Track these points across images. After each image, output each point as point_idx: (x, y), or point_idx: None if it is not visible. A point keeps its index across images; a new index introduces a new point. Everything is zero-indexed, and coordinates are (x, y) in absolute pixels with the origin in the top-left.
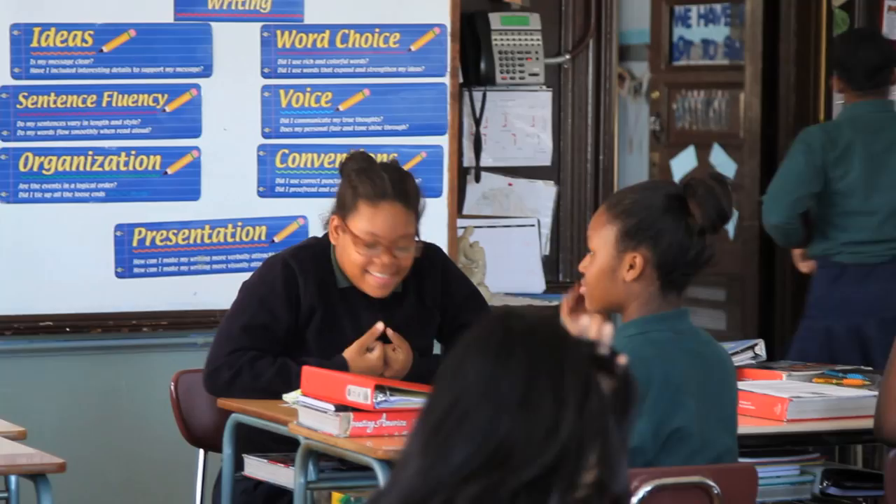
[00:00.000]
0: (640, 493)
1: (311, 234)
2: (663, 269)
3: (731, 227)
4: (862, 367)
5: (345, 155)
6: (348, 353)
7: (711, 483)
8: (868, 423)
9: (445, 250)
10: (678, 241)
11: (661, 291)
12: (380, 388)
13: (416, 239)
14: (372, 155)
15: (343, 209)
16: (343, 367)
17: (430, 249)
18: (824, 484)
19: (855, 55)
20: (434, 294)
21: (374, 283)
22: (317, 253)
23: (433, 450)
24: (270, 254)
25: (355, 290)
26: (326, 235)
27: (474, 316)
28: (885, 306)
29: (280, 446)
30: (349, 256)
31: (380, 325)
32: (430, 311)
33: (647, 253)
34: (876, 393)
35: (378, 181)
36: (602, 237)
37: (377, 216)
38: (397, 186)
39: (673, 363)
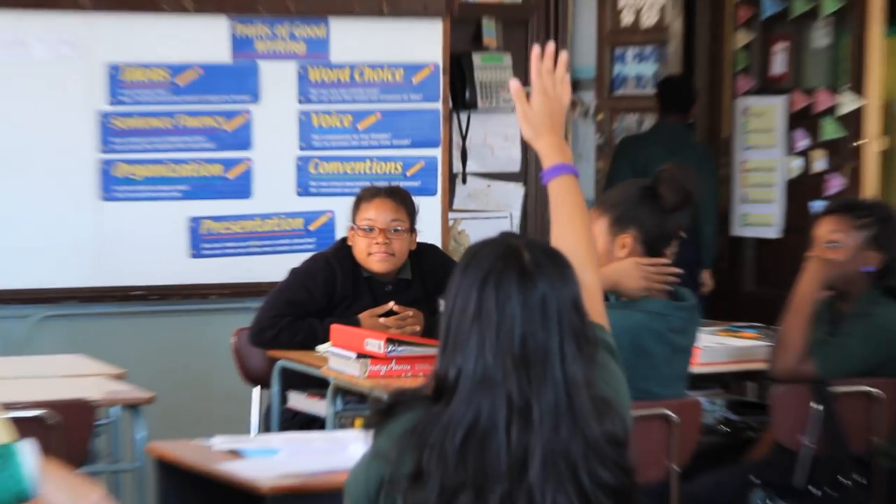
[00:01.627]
0: None
1: (337, 225)
2: (648, 245)
3: None
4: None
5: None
6: (362, 315)
7: (671, 413)
8: (760, 366)
9: (439, 237)
10: (657, 221)
11: None
12: (390, 341)
13: (412, 231)
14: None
15: (352, 217)
16: (356, 324)
17: (430, 249)
18: (727, 411)
19: (663, 88)
20: (436, 282)
21: (376, 259)
22: (349, 253)
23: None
24: (306, 239)
25: (376, 279)
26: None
27: None
28: None
29: (310, 388)
30: (358, 246)
31: (391, 304)
32: (432, 296)
33: (635, 233)
34: (766, 343)
35: (373, 188)
36: (597, 229)
37: (371, 207)
38: (387, 189)
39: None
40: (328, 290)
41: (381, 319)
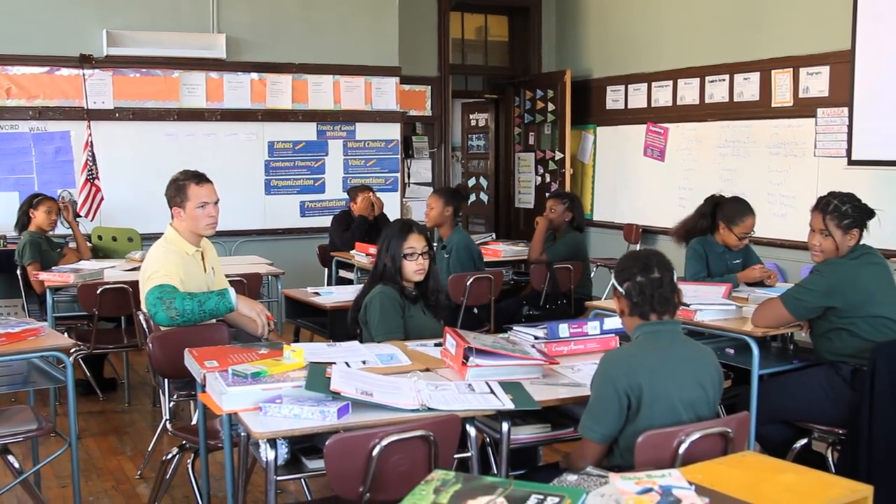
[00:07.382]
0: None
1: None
2: (455, 212)
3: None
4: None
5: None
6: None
7: (490, 276)
8: (524, 257)
9: (399, 210)
10: (460, 202)
11: (453, 218)
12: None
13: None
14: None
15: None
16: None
17: (384, 216)
18: (513, 275)
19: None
20: (383, 225)
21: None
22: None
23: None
24: (344, 208)
25: (367, 219)
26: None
27: None
28: None
29: (348, 268)
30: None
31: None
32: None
33: (452, 207)
34: (526, 248)
35: (360, 186)
36: (436, 202)
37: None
38: (363, 187)
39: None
40: (350, 222)
41: None
